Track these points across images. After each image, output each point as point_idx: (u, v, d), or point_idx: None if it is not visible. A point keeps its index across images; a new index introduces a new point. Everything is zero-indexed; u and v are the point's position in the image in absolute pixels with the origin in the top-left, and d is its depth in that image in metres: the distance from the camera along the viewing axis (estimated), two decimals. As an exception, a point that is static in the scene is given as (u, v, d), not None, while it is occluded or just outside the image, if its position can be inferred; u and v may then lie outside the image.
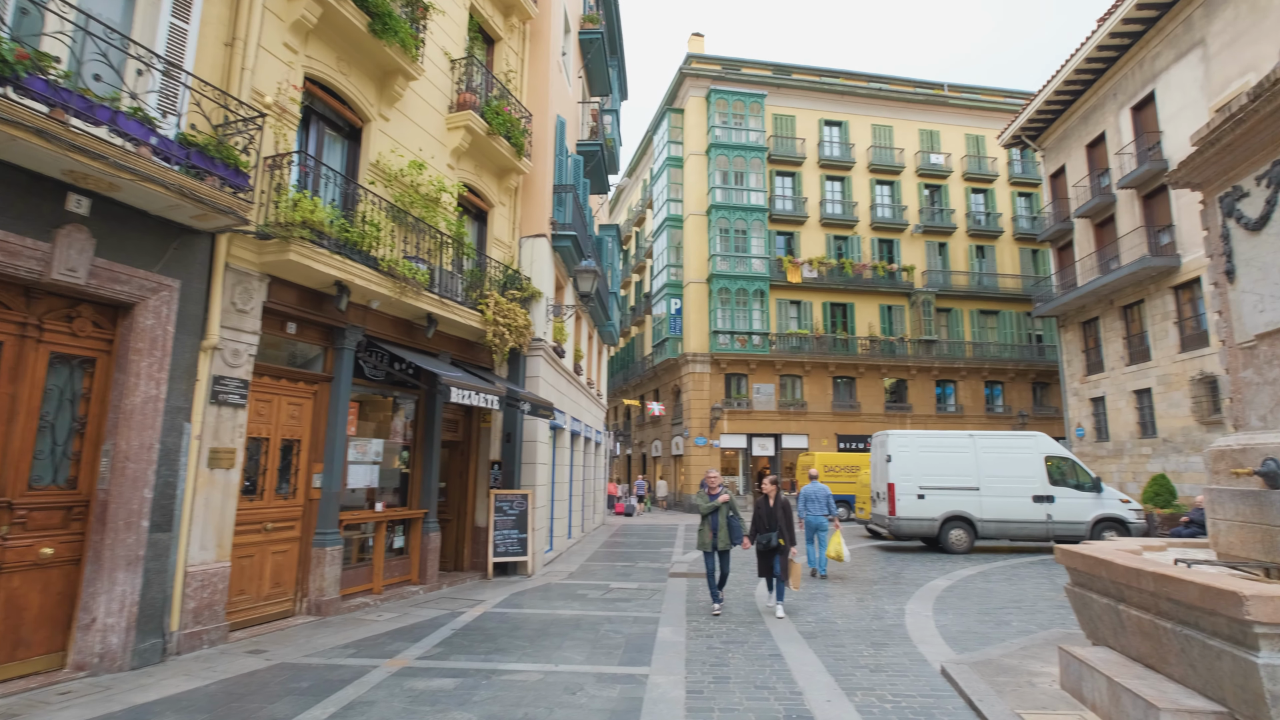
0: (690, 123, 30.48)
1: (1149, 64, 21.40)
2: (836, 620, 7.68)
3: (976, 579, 10.63)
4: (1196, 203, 5.63)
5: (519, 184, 12.09)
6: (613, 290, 19.91)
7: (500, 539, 10.60)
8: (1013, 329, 31.29)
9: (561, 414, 13.58)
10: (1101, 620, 4.84)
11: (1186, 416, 19.53)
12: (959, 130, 33.11)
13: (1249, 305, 4.72)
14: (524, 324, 10.60)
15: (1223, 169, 4.93)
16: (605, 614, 8.00)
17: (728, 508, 7.98)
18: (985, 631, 7.11)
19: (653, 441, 34.25)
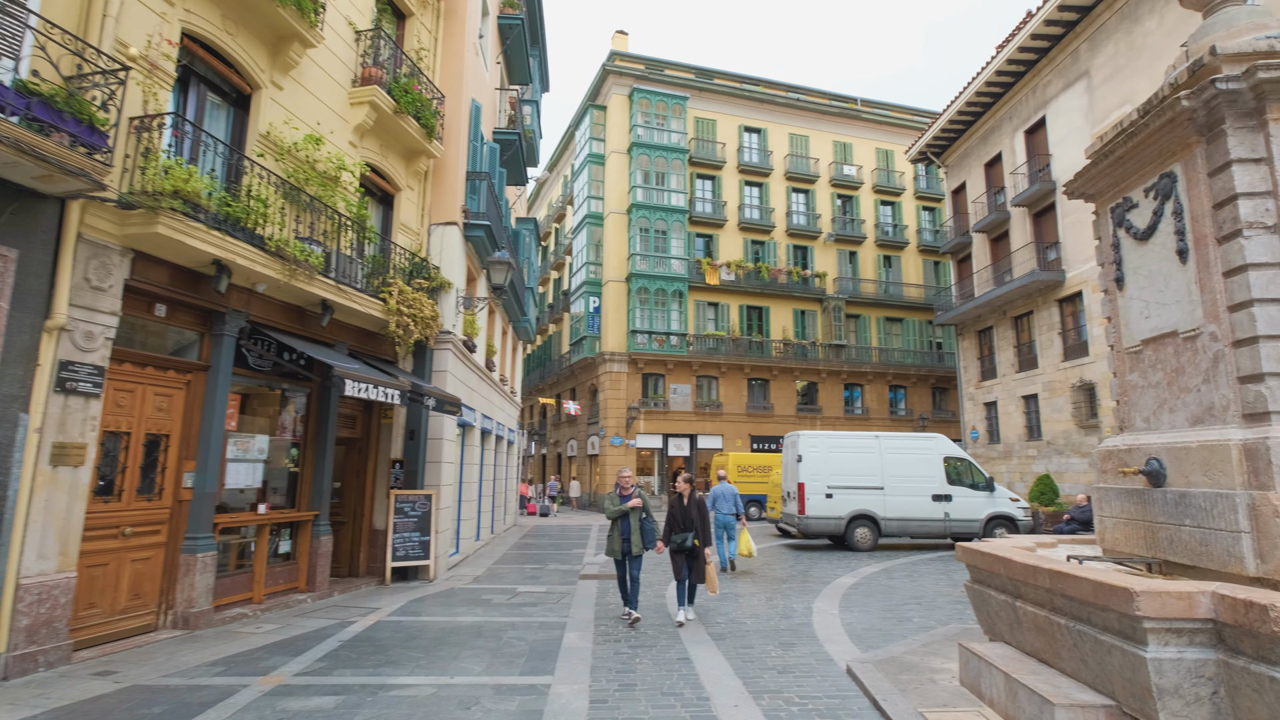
0: (613, 120, 30.28)
1: (1041, 91, 22.92)
2: (746, 621, 7.62)
3: (880, 576, 10.92)
4: (1090, 214, 5.88)
5: (429, 168, 11.48)
6: (529, 285, 19.41)
7: (400, 542, 9.99)
8: (915, 336, 32.87)
9: (471, 411, 13.04)
10: (999, 616, 4.93)
11: (1068, 421, 21.03)
12: (870, 144, 34.49)
13: (1136, 311, 4.93)
14: (431, 315, 10.04)
15: (1114, 180, 5.14)
16: (509, 620, 7.63)
17: (640, 509, 7.49)
18: (888, 628, 7.22)
19: (568, 441, 33.82)
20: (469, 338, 12.45)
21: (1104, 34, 20.25)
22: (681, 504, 7.57)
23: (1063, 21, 21.09)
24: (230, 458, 7.82)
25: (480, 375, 14.06)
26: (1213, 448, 4.04)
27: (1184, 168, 4.46)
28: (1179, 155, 4.49)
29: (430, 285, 10.55)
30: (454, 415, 10.25)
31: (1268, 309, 3.95)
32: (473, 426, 13.41)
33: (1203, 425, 4.29)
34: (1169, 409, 4.60)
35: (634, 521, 7.41)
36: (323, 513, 8.97)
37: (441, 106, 11.36)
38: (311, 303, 8.50)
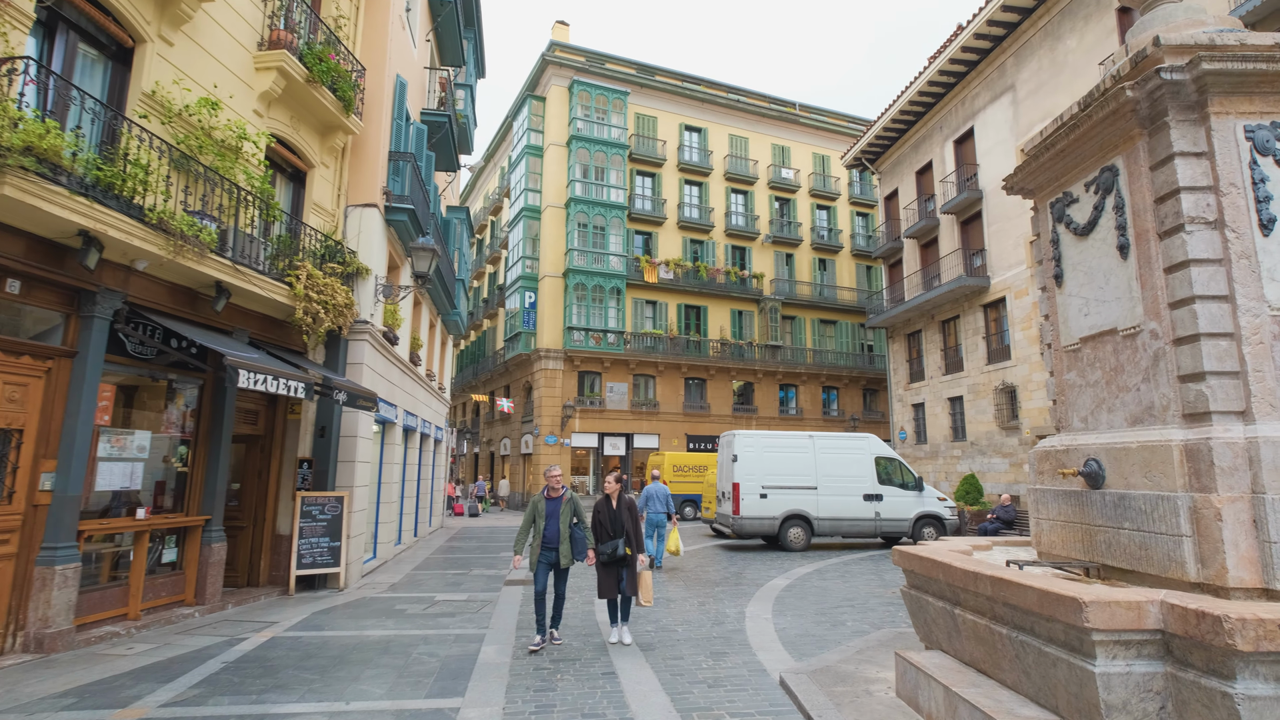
0: (552, 112, 29.62)
1: (970, 102, 23.65)
2: (677, 628, 7.27)
3: (813, 577, 10.81)
4: (1018, 218, 5.79)
5: (347, 145, 10.68)
6: (460, 277, 18.62)
7: (306, 548, 9.20)
8: (848, 338, 33.53)
9: (392, 407, 12.27)
10: (936, 624, 4.73)
11: (990, 422, 21.73)
12: (808, 149, 34.99)
13: (1075, 309, 4.81)
14: (345, 303, 9.29)
15: (1054, 175, 5.03)
16: (423, 633, 7.03)
17: (571, 511, 6.52)
18: (822, 634, 7.01)
19: (502, 440, 32.94)
20: (390, 329, 11.69)
21: (1029, 50, 21.02)
22: (610, 507, 6.63)
23: (991, 36, 21.80)
24: (102, 456, 6.93)
25: (403, 369, 13.27)
26: (1153, 448, 3.91)
27: (1126, 161, 4.34)
28: (1121, 148, 4.37)
29: (345, 270, 9.79)
30: (369, 411, 9.52)
31: (1209, 306, 3.84)
32: (393, 424, 12.63)
33: (1142, 425, 4.17)
34: (1107, 409, 4.48)
35: (563, 527, 6.44)
36: (216, 517, 8.11)
37: (362, 80, 10.58)
38: (204, 285, 7.67)
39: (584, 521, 6.62)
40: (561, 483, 6.63)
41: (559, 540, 6.45)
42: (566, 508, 6.53)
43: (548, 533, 6.46)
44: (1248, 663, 2.82)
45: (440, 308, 17.28)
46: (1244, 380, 3.74)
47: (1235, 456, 3.60)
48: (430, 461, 17.79)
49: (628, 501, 6.76)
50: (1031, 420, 19.88)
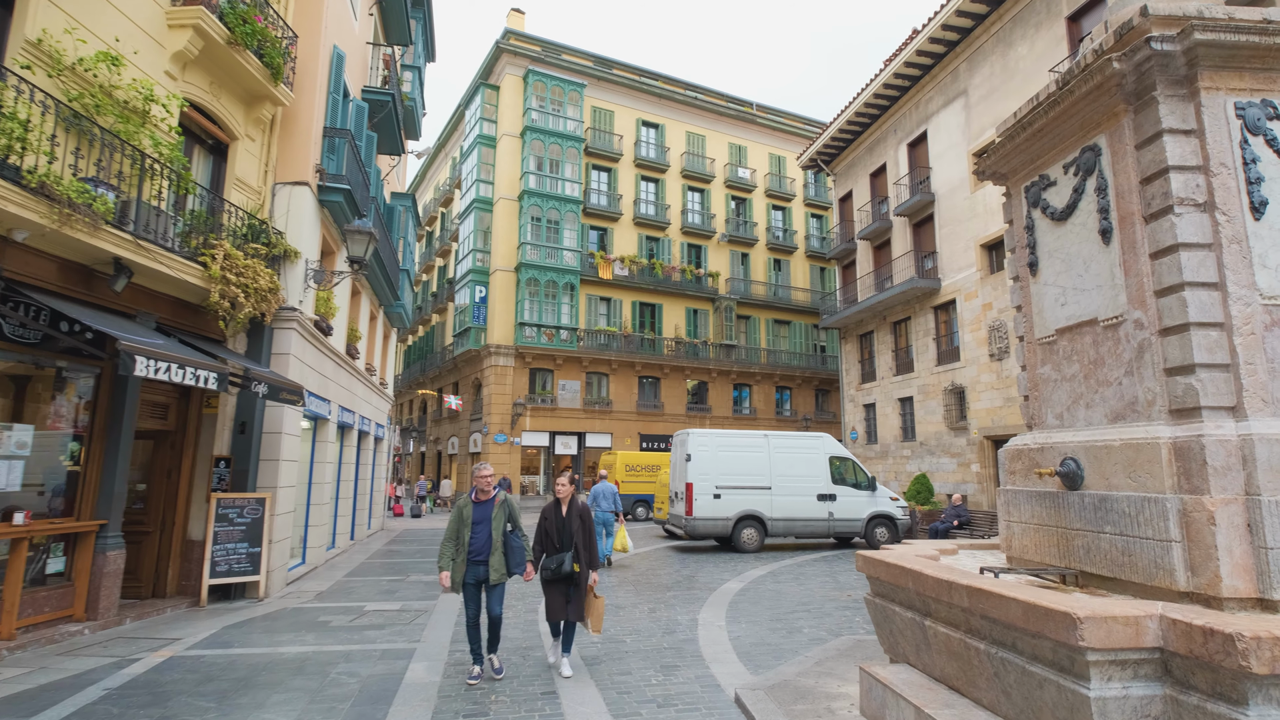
0: (506, 102, 28.81)
1: (924, 106, 23.89)
2: (625, 639, 6.80)
3: (767, 580, 10.49)
4: (1000, 195, 5.52)
5: (276, 117, 9.86)
6: (405, 268, 17.76)
7: (221, 555, 8.40)
8: (802, 339, 33.67)
9: (325, 402, 11.46)
10: (904, 635, 4.38)
11: (939, 422, 21.96)
12: (764, 149, 35.02)
13: (1050, 299, 4.53)
14: (268, 287, 8.51)
15: (1030, 157, 4.75)
16: (346, 648, 6.39)
17: (505, 516, 5.52)
18: (778, 642, 6.64)
19: (449, 438, 31.94)
20: (323, 318, 10.90)
21: (981, 56, 21.30)
22: (559, 513, 5.66)
23: (945, 41, 22.03)
24: (-28, 453, 6.07)
25: (338, 362, 12.45)
26: (1138, 447, 3.63)
27: (1109, 140, 4.06)
28: (1104, 126, 4.09)
29: (270, 252, 9.00)
30: (295, 405, 8.76)
31: (1199, 294, 3.57)
32: (327, 420, 11.81)
33: (1124, 422, 3.89)
34: (1085, 404, 4.21)
35: (495, 535, 5.41)
36: (113, 521, 7.27)
37: (293, 48, 9.78)
38: (101, 262, 6.84)
39: (521, 528, 5.63)
40: (494, 483, 5.62)
41: (488, 551, 5.39)
42: (500, 512, 5.50)
43: (474, 543, 5.38)
44: (1261, 687, 2.51)
45: (382, 299, 16.42)
46: (1235, 373, 3.48)
47: (1229, 455, 3.33)
48: (370, 460, 16.90)
49: (580, 508, 5.74)
50: (979, 421, 20.14)
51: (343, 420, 13.09)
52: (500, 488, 5.87)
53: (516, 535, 5.59)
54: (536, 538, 5.71)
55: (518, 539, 5.58)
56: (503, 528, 5.50)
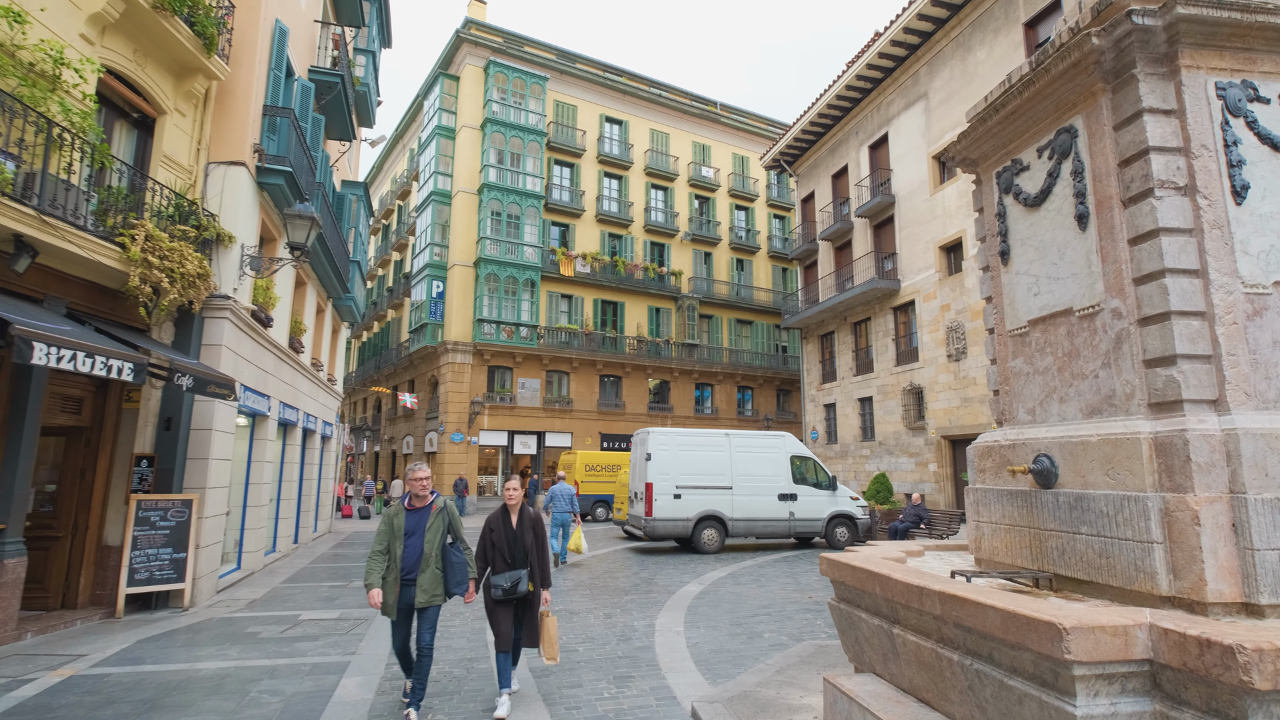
0: (466, 93, 28.11)
1: (885, 108, 24.07)
2: (578, 647, 6.44)
3: (727, 582, 10.24)
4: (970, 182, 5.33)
5: (210, 92, 9.21)
6: (355, 258, 17.05)
7: (141, 561, 7.76)
8: (764, 339, 33.72)
9: (264, 398, 10.82)
10: (870, 643, 4.12)
11: (898, 422, 22.12)
12: (728, 149, 34.98)
13: (1023, 289, 4.33)
14: (197, 272, 7.90)
15: (1003, 141, 4.55)
16: (272, 663, 5.88)
17: (444, 526, 4.71)
18: (738, 649, 6.36)
19: (405, 437, 31.05)
20: (261, 309, 10.27)
21: (941, 60, 21.54)
22: (509, 524, 4.85)
23: (906, 44, 22.23)
24: None
25: (280, 356, 11.78)
26: (1117, 442, 3.43)
27: (1086, 121, 3.87)
28: (1081, 106, 3.90)
29: (201, 235, 8.37)
30: (226, 400, 8.15)
31: (1180, 281, 3.39)
32: (266, 416, 11.15)
33: (1101, 417, 3.69)
34: (1059, 399, 4.01)
35: (429, 549, 4.60)
36: (13, 526, 6.60)
37: (230, 18, 9.16)
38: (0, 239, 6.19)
39: (464, 540, 4.85)
40: (430, 486, 4.80)
41: (419, 567, 4.58)
42: (437, 521, 4.69)
43: (405, 558, 4.57)
44: (1263, 703, 2.29)
45: (331, 291, 15.70)
46: (1217, 365, 3.30)
47: (1212, 451, 3.14)
48: (317, 460, 16.16)
49: (533, 517, 4.92)
50: (937, 421, 20.33)
51: (285, 417, 12.41)
52: (436, 494, 4.89)
53: (457, 549, 4.77)
54: (479, 551, 4.88)
55: (458, 553, 4.75)
56: (440, 540, 4.67)
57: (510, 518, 4.89)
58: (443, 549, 4.67)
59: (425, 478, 4.75)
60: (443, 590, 4.63)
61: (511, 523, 4.87)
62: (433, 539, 4.65)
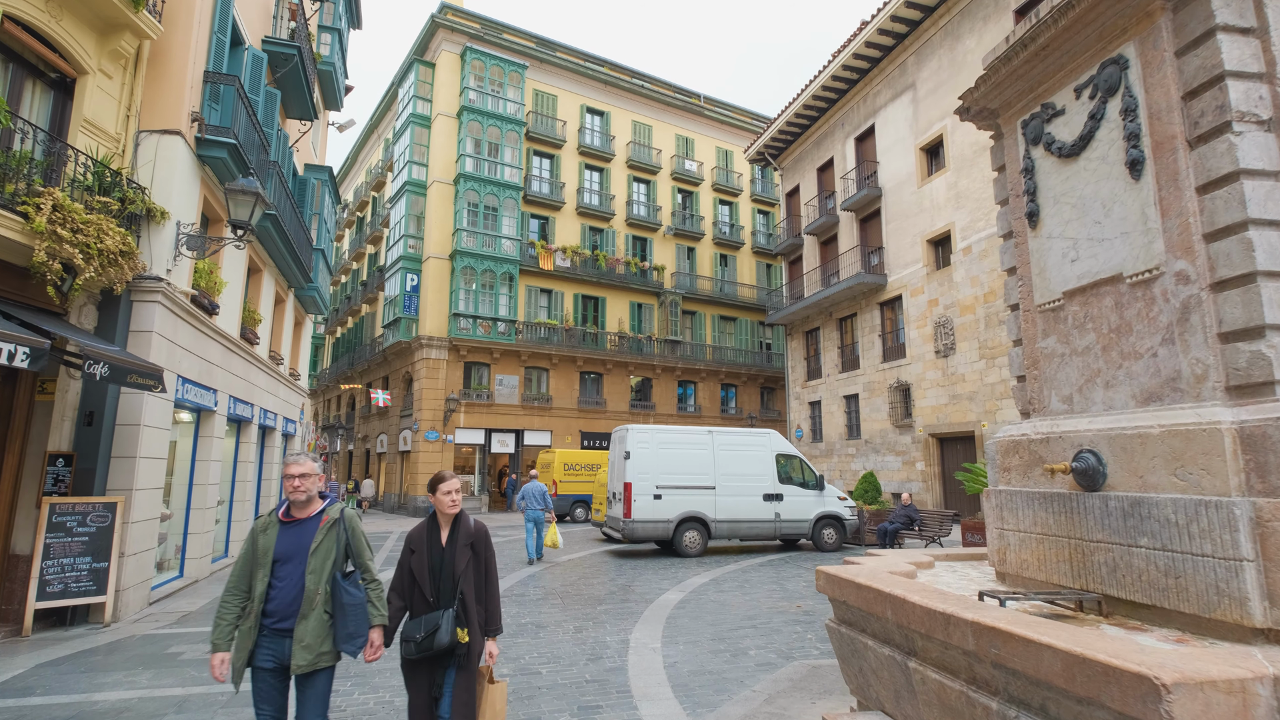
0: (441, 80, 27.19)
1: (872, 99, 23.55)
2: (541, 669, 5.72)
3: (710, 589, 9.57)
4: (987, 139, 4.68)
5: (141, 53, 8.35)
6: (320, 246, 16.15)
7: (55, 571, 6.92)
8: (748, 336, 33.13)
9: (208, 391, 9.97)
10: (878, 676, 3.45)
11: (884, 420, 21.61)
12: (712, 142, 34.34)
13: (1057, 255, 3.68)
14: (119, 249, 7.06)
15: (1030, 84, 3.89)
16: (184, 692, 5.10)
17: (337, 548, 3.23)
18: (720, 669, 5.68)
19: (378, 436, 30.07)
20: (204, 293, 9.42)
21: (929, 49, 21.03)
22: (437, 543, 3.41)
23: (893, 33, 21.70)
24: None
25: (230, 347, 10.92)
26: (1188, 434, 2.78)
27: (1140, 48, 3.22)
28: (1134, 31, 3.25)
29: (128, 209, 7.53)
30: (153, 390, 7.31)
31: (1268, 234, 2.75)
32: (212, 412, 10.30)
33: (1161, 404, 3.05)
34: (1104, 383, 3.36)
35: (313, 582, 3.13)
36: (-108, 535, 5.75)
37: (164, -28, 8.31)
38: None
39: (371, 567, 3.33)
40: (318, 486, 3.35)
41: (297, 610, 3.09)
42: (327, 540, 3.21)
43: (274, 596, 3.10)
44: None
45: (291, 280, 14.81)
46: (1316, 337, 2.67)
47: (1319, 444, 2.51)
48: (277, 459, 15.27)
49: (474, 532, 3.45)
50: (924, 419, 19.83)
51: (237, 413, 11.55)
52: (331, 497, 3.50)
53: (355, 582, 3.23)
54: (395, 584, 3.40)
55: (354, 589, 3.18)
56: (329, 569, 3.16)
57: (440, 533, 3.42)
58: (333, 582, 3.15)
59: (305, 475, 3.24)
60: (331, 645, 3.12)
61: (441, 540, 3.40)
62: (319, 567, 3.14)
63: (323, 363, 40.29)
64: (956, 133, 19.39)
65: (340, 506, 3.37)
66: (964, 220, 18.88)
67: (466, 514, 3.51)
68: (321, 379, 39.07)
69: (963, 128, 19.10)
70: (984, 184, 18.16)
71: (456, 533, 3.43)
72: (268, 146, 11.26)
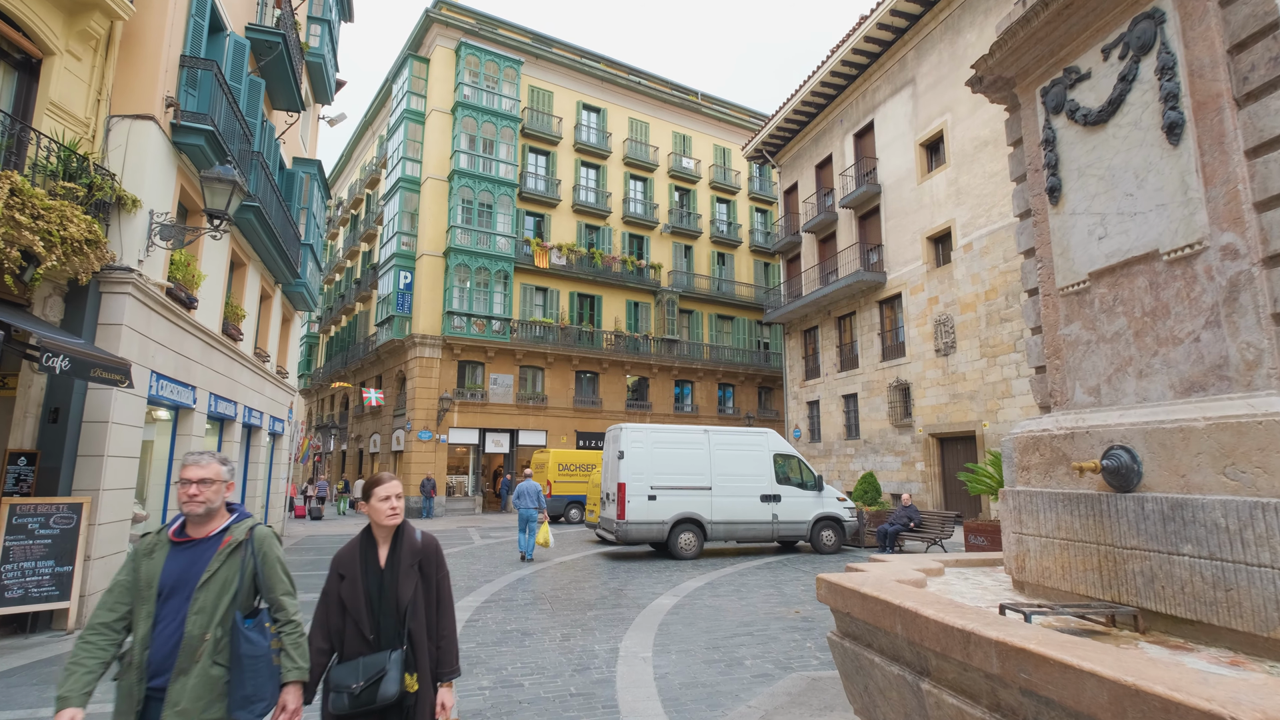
0: (436, 75, 26.86)
1: (871, 95, 23.26)
2: (523, 681, 5.39)
3: (705, 593, 9.24)
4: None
5: (112, 34, 8.01)
6: (308, 241, 15.81)
7: (14, 576, 6.58)
8: (745, 335, 32.81)
9: (186, 388, 9.63)
10: (886, 697, 3.12)
11: (883, 420, 21.30)
12: (709, 139, 34.03)
13: (1082, 232, 3.36)
14: (83, 237, 6.71)
15: (1051, 47, 3.57)
16: (141, 707, 4.74)
17: (242, 576, 2.46)
18: (714, 681, 5.35)
19: (371, 435, 29.72)
20: (180, 286, 9.07)
21: (929, 43, 20.74)
22: (372, 563, 2.66)
23: (893, 28, 21.41)
24: None
25: (211, 343, 10.57)
26: (1240, 428, 2.46)
27: (1177, 0, 2.91)
28: (1171, -19, 2.93)
29: (96, 196, 7.18)
30: (119, 385, 6.97)
31: (1330, 200, 2.43)
32: (191, 409, 9.95)
33: (1206, 393, 2.73)
34: (1137, 372, 3.04)
35: (194, 625, 2.33)
36: None
37: (137, -50, 7.97)
38: None
39: (284, 605, 2.51)
40: (217, 493, 2.50)
41: (174, 662, 2.30)
42: (226, 567, 2.45)
43: (152, 642, 2.33)
44: None
45: (278, 275, 14.46)
46: (1387, 317, 2.35)
47: (1397, 438, 2.19)
48: (264, 459, 14.92)
49: (422, 549, 2.73)
50: (924, 418, 19.53)
51: (219, 411, 11.21)
52: (240, 513, 2.63)
53: (262, 626, 2.45)
54: (318, 620, 2.63)
55: (258, 635, 2.41)
56: (225, 607, 2.39)
57: (377, 551, 2.66)
58: (233, 627, 2.37)
59: (205, 480, 2.45)
60: (223, 712, 2.33)
61: (378, 560, 2.65)
62: (209, 605, 2.36)
63: (317, 361, 39.93)
64: (957, 128, 19.10)
65: (251, 523, 2.57)
66: (965, 217, 18.58)
67: (411, 526, 2.78)
68: (315, 378, 38.71)
69: (963, 123, 18.82)
70: (985, 180, 17.87)
71: (399, 550, 2.68)
72: (250, 136, 10.91)
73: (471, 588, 9.59)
